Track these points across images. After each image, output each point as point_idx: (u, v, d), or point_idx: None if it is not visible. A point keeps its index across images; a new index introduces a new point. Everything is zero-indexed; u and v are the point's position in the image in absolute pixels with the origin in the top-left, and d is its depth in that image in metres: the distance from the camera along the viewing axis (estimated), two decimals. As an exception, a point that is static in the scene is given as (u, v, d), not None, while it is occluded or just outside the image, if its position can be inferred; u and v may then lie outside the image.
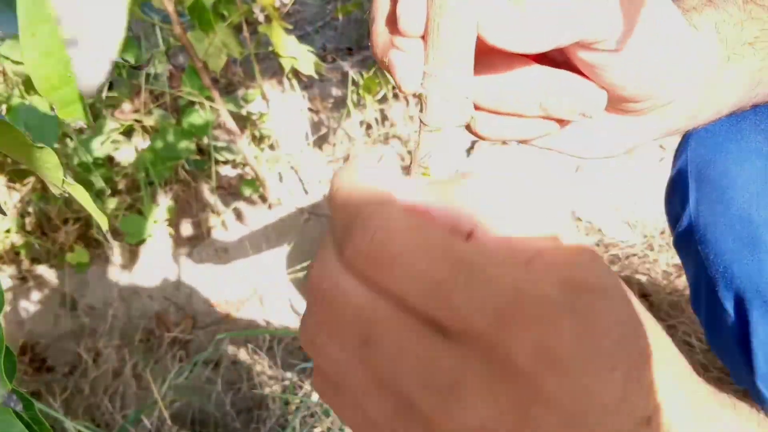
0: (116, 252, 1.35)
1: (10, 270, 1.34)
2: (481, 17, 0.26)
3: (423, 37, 0.26)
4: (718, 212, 0.47)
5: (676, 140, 1.44)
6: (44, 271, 1.34)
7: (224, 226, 1.38)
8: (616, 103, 0.34)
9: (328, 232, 0.25)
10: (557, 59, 0.33)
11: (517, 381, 0.21)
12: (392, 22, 0.28)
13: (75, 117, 0.20)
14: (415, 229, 0.22)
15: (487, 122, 0.32)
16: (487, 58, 0.30)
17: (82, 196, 0.25)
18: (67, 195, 0.25)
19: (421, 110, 0.27)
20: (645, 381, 0.22)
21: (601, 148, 0.37)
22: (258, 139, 1.45)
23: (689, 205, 0.50)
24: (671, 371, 0.23)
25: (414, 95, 0.26)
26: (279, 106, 1.50)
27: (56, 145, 1.21)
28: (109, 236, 1.34)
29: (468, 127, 0.30)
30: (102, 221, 0.28)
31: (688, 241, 0.51)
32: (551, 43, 0.29)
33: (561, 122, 0.33)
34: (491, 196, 0.23)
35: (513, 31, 0.27)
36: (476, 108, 0.30)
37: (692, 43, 0.34)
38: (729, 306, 0.49)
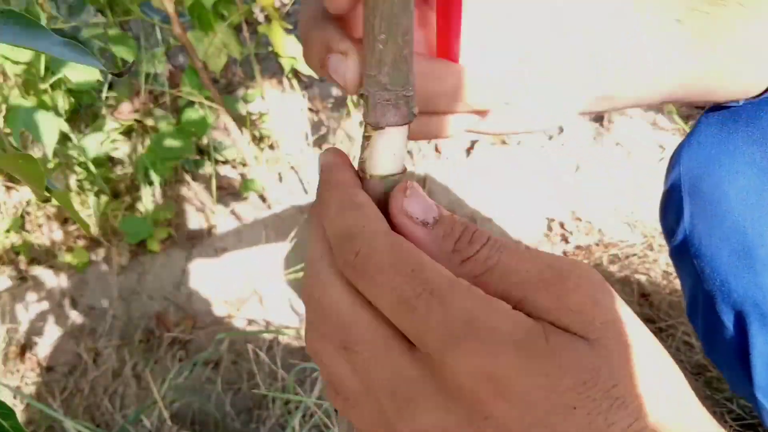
0: (116, 252, 1.35)
1: (9, 270, 1.34)
2: None
3: (361, 39, 0.26)
4: (713, 226, 0.47)
5: (676, 139, 1.44)
6: (43, 271, 1.34)
7: (224, 226, 1.38)
8: None
9: (317, 239, 0.28)
10: None
11: (463, 400, 0.23)
12: (324, 26, 0.28)
13: None
14: (394, 248, 0.24)
15: (421, 122, 0.33)
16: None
17: (65, 202, 0.25)
18: (49, 200, 0.25)
19: (364, 111, 0.27)
20: (615, 420, 0.23)
21: (527, 125, 0.38)
22: (258, 139, 1.45)
23: (684, 219, 0.50)
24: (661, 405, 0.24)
25: (358, 96, 0.27)
26: (279, 106, 1.50)
27: (56, 146, 1.20)
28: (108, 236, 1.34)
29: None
30: (85, 227, 0.28)
31: (684, 254, 0.51)
32: (446, 109, 0.32)
33: (482, 112, 0.35)
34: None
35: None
36: None
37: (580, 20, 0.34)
38: (727, 319, 0.49)
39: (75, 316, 1.30)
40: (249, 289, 1.31)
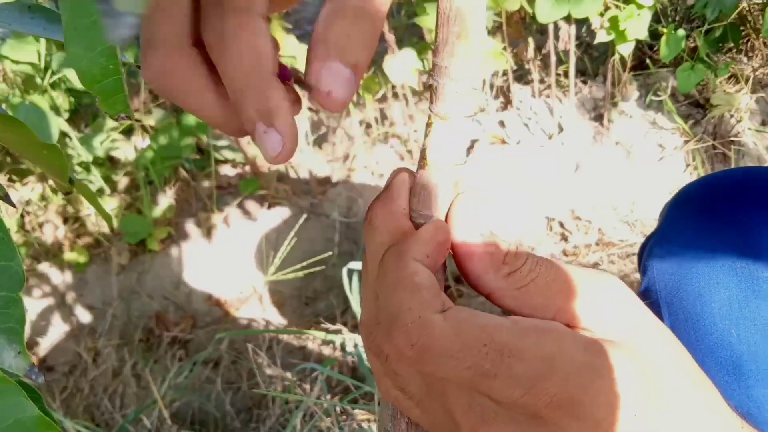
0: (115, 251, 1.35)
1: (9, 269, 1.34)
2: None
3: (435, 29, 0.27)
4: (696, 340, 0.46)
5: (676, 139, 1.43)
6: (44, 270, 1.34)
7: (224, 226, 1.38)
8: None
9: (369, 298, 0.28)
10: None
11: (538, 423, 0.25)
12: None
13: (117, 109, 0.21)
14: (462, 332, 0.25)
15: None
16: None
17: (88, 195, 0.25)
18: (72, 193, 0.25)
19: (431, 101, 0.27)
20: (666, 420, 0.25)
21: None
22: (257, 139, 1.45)
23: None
24: (696, 408, 0.26)
25: (426, 87, 0.27)
26: (278, 105, 1.50)
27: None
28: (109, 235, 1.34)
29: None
30: (107, 220, 0.28)
31: None
32: None
33: None
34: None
35: None
36: None
37: None
38: None
39: (74, 316, 1.30)
40: (249, 288, 1.31)
